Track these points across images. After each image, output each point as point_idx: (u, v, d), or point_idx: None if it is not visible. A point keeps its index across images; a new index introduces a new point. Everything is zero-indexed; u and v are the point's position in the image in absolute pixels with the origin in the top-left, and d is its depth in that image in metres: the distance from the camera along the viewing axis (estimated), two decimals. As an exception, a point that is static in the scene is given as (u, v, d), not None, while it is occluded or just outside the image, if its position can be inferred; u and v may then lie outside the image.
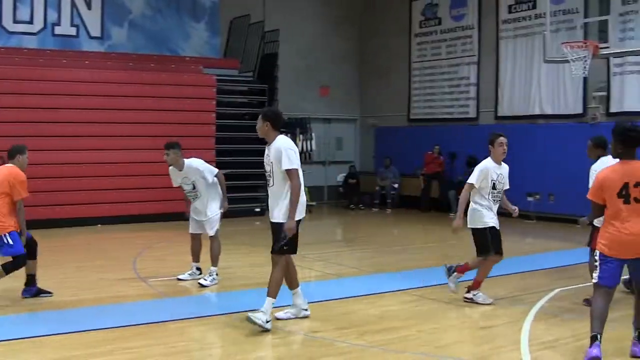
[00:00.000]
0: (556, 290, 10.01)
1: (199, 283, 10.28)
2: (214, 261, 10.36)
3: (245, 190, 18.99)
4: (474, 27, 21.47)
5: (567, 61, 14.25)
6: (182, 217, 11.05)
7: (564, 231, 16.42)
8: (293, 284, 8.47)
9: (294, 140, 20.65)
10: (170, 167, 10.45)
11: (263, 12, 22.00)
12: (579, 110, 18.48)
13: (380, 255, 13.44)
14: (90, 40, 19.93)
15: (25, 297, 9.17)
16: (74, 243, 14.68)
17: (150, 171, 17.99)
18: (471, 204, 9.07)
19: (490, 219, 9.06)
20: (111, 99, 18.01)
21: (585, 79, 17.25)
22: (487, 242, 9.03)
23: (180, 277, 10.55)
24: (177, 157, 10.27)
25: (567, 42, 14.46)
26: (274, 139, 8.08)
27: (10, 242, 8.75)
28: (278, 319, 8.14)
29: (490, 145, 9.24)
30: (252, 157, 19.57)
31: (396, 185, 22.13)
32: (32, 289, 9.26)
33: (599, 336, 6.69)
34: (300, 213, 8.08)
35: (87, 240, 14.76)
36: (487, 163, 9.19)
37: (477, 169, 9.17)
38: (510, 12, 20.35)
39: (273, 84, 20.98)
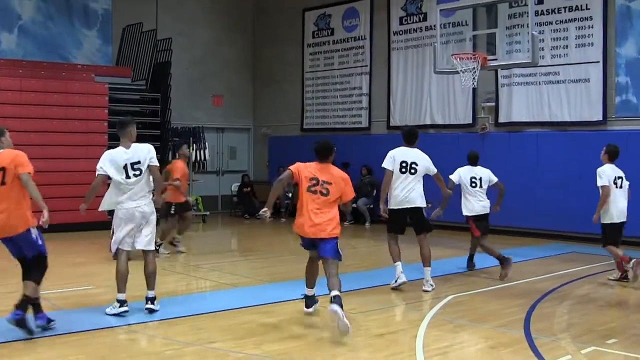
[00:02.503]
0: (449, 297, 10.19)
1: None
2: None
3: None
4: (365, 38, 21.74)
5: (457, 72, 14.50)
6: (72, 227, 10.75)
7: (456, 239, 16.73)
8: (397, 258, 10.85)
9: (189, 149, 20.83)
10: None
11: (155, 20, 21.76)
12: (469, 120, 18.91)
13: (275, 265, 13.43)
14: (-23, 46, 19.37)
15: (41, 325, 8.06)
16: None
17: (42, 180, 17.52)
18: None
19: None
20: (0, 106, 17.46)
21: (474, 90, 17.69)
22: None
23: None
24: None
25: (456, 54, 14.72)
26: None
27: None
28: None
29: None
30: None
31: (290, 195, 22.16)
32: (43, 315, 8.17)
33: None
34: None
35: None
36: None
37: None
38: (401, 23, 20.69)
39: (166, 93, 20.77)
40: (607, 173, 11.55)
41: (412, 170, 10.64)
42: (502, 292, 10.79)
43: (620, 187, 11.66)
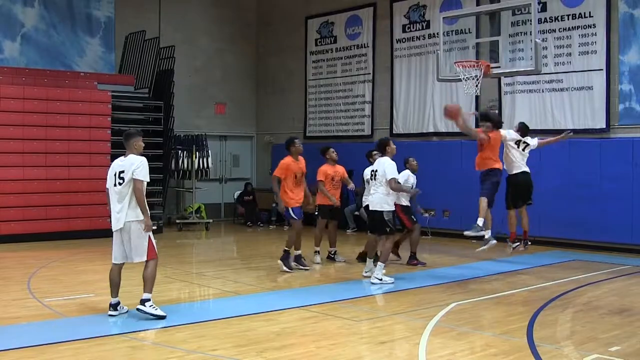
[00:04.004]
0: (452, 305, 10.18)
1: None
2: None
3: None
4: (368, 45, 21.75)
5: (460, 80, 14.46)
6: (74, 235, 10.78)
7: (459, 246, 16.72)
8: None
9: (190, 157, 20.83)
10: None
11: (158, 28, 21.80)
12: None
13: (278, 272, 13.39)
14: (-20, 54, 19.40)
15: None
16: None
17: (46, 189, 17.63)
18: None
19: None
20: (2, 114, 17.47)
21: (477, 97, 17.66)
22: None
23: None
24: None
25: (459, 62, 14.67)
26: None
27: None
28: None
29: None
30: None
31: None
32: None
33: None
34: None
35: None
36: None
37: None
38: (404, 31, 20.70)
39: (169, 101, 20.78)
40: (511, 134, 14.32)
41: (373, 177, 12.28)
42: (505, 300, 10.79)
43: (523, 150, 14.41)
